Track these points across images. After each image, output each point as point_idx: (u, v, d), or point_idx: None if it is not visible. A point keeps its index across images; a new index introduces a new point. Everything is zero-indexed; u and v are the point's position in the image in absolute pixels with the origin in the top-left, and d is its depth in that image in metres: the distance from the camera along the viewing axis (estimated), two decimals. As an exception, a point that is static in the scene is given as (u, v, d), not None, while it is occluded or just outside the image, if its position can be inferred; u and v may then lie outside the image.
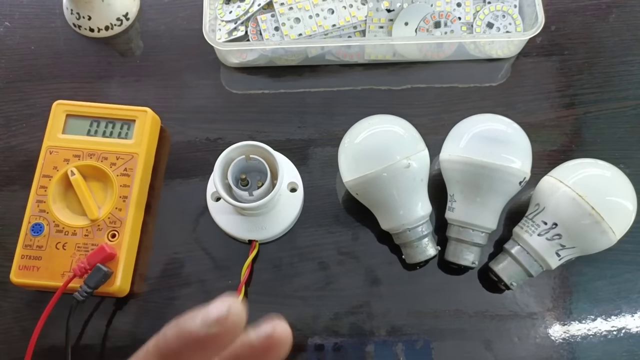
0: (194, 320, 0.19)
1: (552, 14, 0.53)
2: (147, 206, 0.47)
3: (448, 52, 0.51)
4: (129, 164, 0.45)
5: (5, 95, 0.51)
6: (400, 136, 0.42)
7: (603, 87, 0.51)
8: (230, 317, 0.19)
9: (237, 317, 0.19)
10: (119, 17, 0.53)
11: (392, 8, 0.50)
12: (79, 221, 0.44)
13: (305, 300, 0.44)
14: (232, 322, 0.19)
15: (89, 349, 0.43)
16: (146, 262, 0.45)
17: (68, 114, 0.46)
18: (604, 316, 0.44)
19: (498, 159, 0.40)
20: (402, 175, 0.40)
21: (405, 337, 0.43)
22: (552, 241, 0.41)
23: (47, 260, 0.42)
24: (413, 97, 0.51)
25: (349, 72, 0.52)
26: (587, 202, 0.39)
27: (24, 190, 0.45)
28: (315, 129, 0.49)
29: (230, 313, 0.19)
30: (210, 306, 0.19)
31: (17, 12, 0.55)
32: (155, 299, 0.44)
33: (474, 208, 0.42)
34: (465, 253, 0.43)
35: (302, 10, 0.50)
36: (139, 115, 0.46)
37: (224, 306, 0.19)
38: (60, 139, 0.45)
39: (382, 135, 0.42)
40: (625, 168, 0.42)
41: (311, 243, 0.46)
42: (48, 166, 0.45)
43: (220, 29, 0.51)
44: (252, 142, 0.42)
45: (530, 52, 0.52)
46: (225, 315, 0.19)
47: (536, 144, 0.44)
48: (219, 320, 0.19)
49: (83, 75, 0.52)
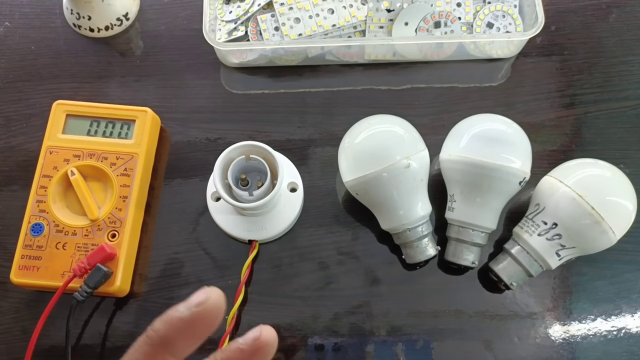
0: (178, 307, 0.22)
1: (552, 14, 0.53)
2: (147, 206, 0.47)
3: (448, 52, 0.51)
4: (129, 164, 0.45)
5: (5, 95, 0.51)
6: (400, 136, 0.42)
7: (603, 87, 0.51)
8: (210, 300, 0.22)
9: (216, 300, 0.23)
10: (119, 17, 0.53)
11: (392, 8, 0.50)
12: (79, 221, 0.44)
13: (305, 300, 0.44)
14: (212, 304, 0.22)
15: (89, 349, 0.43)
16: (146, 262, 0.45)
17: (68, 114, 0.46)
18: (604, 316, 0.44)
19: (498, 159, 0.40)
20: (402, 175, 0.40)
21: (405, 337, 0.43)
22: (552, 241, 0.41)
23: (47, 260, 0.42)
24: (413, 97, 0.51)
25: (349, 72, 0.52)
26: (587, 202, 0.39)
27: (24, 190, 0.45)
28: (315, 129, 0.49)
29: (209, 297, 0.22)
30: (192, 295, 0.23)
31: (17, 12, 0.55)
32: (155, 299, 0.44)
33: (474, 208, 0.42)
34: (465, 253, 0.43)
35: (302, 10, 0.50)
36: (139, 115, 0.46)
37: (203, 293, 0.23)
38: (60, 139, 0.45)
39: (382, 135, 0.42)
40: (625, 168, 0.42)
41: (311, 243, 0.46)
42: (48, 166, 0.45)
43: (220, 29, 0.51)
44: (252, 142, 0.42)
45: (530, 52, 0.52)
46: (205, 299, 0.22)
47: (536, 144, 0.44)
48: (200, 303, 0.22)
49: (83, 75, 0.52)
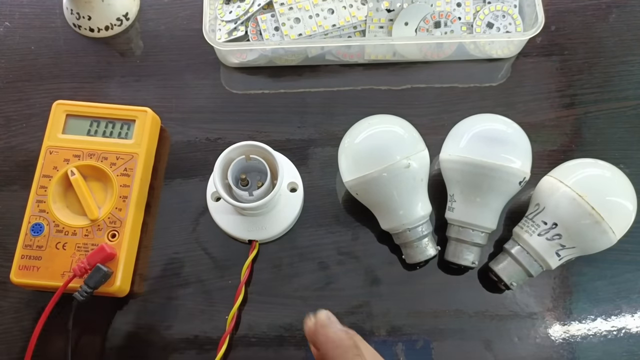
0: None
1: (552, 14, 0.53)
2: (147, 206, 0.47)
3: (448, 52, 0.51)
4: (129, 164, 0.45)
5: (5, 95, 0.51)
6: (400, 136, 0.42)
7: (603, 87, 0.51)
8: None
9: None
10: (119, 17, 0.53)
11: (392, 8, 0.50)
12: (79, 221, 0.44)
13: (305, 300, 0.44)
14: None
15: (89, 349, 0.43)
16: (146, 262, 0.45)
17: (68, 114, 0.46)
18: (604, 316, 0.44)
19: (498, 159, 0.40)
20: (402, 175, 0.40)
21: (405, 337, 0.43)
22: (552, 241, 0.41)
23: (47, 260, 0.42)
24: (413, 97, 0.51)
25: (349, 72, 0.52)
26: (587, 202, 0.39)
27: (24, 190, 0.45)
28: (315, 129, 0.49)
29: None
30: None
31: (17, 12, 0.55)
32: (155, 299, 0.44)
33: (474, 208, 0.42)
34: (465, 253, 0.43)
35: (302, 10, 0.50)
36: (138, 115, 0.46)
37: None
38: (60, 139, 0.45)
39: (382, 136, 0.42)
40: (625, 168, 0.42)
41: (311, 243, 0.46)
42: (48, 166, 0.45)
43: (220, 29, 0.51)
44: (252, 142, 0.42)
45: (530, 52, 0.52)
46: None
47: (536, 144, 0.44)
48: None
49: (83, 75, 0.52)
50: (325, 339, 0.31)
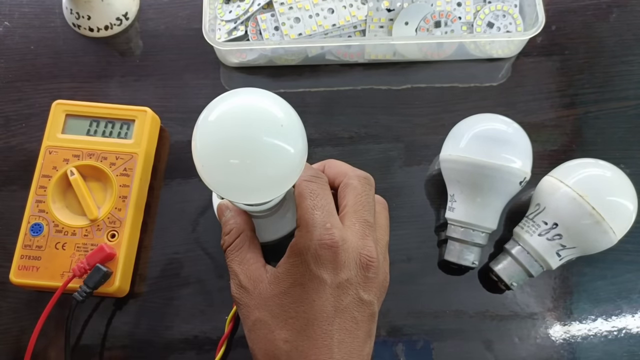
0: None
1: (552, 13, 0.53)
2: (147, 206, 0.46)
3: (448, 52, 0.51)
4: (128, 164, 0.45)
5: (4, 95, 0.51)
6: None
7: (603, 86, 0.51)
8: None
9: None
10: (119, 17, 0.53)
11: (392, 7, 0.50)
12: (78, 221, 0.43)
13: (305, 301, 0.44)
14: None
15: (89, 349, 0.43)
16: (146, 262, 0.45)
17: (67, 114, 0.46)
18: (604, 316, 0.44)
19: (498, 159, 0.40)
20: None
21: (405, 337, 0.43)
22: (552, 241, 0.40)
23: (46, 260, 0.42)
24: (413, 96, 0.50)
25: (349, 72, 0.51)
26: (587, 202, 0.39)
27: (24, 190, 0.45)
28: (315, 129, 0.49)
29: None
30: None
31: (16, 12, 0.55)
32: (155, 299, 0.44)
33: (474, 208, 0.42)
34: (466, 253, 0.43)
35: (302, 9, 0.50)
36: (138, 115, 0.46)
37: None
38: (60, 139, 0.45)
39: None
40: (626, 168, 0.42)
41: (311, 243, 0.46)
42: (47, 166, 0.45)
43: (220, 29, 0.51)
44: None
45: (531, 51, 0.52)
46: None
47: (536, 144, 0.44)
48: None
49: (83, 75, 0.52)
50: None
